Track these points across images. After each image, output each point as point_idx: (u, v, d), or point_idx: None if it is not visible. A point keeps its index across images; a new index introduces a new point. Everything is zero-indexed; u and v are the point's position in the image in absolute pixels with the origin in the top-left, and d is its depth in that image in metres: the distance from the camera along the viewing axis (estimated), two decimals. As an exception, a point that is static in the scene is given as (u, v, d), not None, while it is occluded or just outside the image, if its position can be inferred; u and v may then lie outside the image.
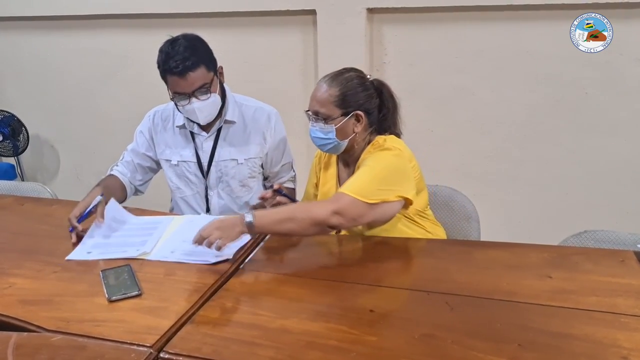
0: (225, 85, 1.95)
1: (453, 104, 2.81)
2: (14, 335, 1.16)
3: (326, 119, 1.61)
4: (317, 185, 1.86)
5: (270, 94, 2.89)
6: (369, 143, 1.68)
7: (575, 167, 2.74)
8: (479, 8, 2.61)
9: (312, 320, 1.19)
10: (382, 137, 1.67)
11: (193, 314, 1.23)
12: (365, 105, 1.64)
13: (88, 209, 1.71)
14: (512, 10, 2.58)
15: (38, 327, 1.20)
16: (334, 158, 1.81)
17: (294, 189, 2.09)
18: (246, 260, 1.51)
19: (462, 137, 2.87)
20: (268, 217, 1.46)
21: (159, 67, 1.76)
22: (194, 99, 1.76)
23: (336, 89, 1.60)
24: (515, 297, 1.25)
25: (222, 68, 1.89)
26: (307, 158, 3.07)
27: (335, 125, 1.61)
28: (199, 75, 1.74)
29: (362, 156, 1.66)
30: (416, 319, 1.20)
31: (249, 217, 1.43)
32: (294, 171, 2.10)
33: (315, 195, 1.86)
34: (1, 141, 3.55)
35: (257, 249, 1.58)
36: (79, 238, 1.65)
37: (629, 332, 1.09)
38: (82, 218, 1.69)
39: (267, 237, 1.65)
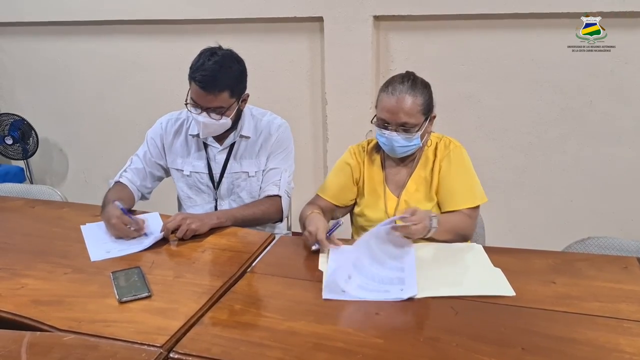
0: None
1: (459, 111, 2.82)
2: (27, 334, 1.18)
3: (415, 127, 1.64)
4: (356, 182, 1.82)
5: (277, 99, 2.93)
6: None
7: (579, 174, 2.75)
8: (485, 16, 2.63)
9: (319, 323, 1.21)
10: (439, 135, 1.80)
11: (202, 315, 1.26)
12: (433, 105, 1.72)
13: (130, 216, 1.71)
14: (517, 19, 2.60)
15: (50, 326, 1.22)
16: (377, 156, 1.82)
17: (278, 196, 1.93)
18: (254, 264, 1.53)
19: (468, 144, 2.83)
20: (443, 226, 1.56)
21: (190, 68, 1.77)
22: (204, 114, 1.79)
23: (421, 98, 1.65)
24: (519, 302, 1.27)
25: (247, 96, 1.90)
26: (312, 163, 3.09)
27: (421, 131, 1.66)
28: (220, 98, 1.76)
29: (437, 155, 1.75)
30: (421, 323, 1.22)
31: (434, 223, 1.52)
32: (281, 177, 1.95)
33: (362, 192, 1.81)
34: (11, 144, 3.59)
35: (264, 252, 1.61)
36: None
37: (631, 337, 1.11)
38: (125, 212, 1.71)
39: (274, 240, 1.68)
